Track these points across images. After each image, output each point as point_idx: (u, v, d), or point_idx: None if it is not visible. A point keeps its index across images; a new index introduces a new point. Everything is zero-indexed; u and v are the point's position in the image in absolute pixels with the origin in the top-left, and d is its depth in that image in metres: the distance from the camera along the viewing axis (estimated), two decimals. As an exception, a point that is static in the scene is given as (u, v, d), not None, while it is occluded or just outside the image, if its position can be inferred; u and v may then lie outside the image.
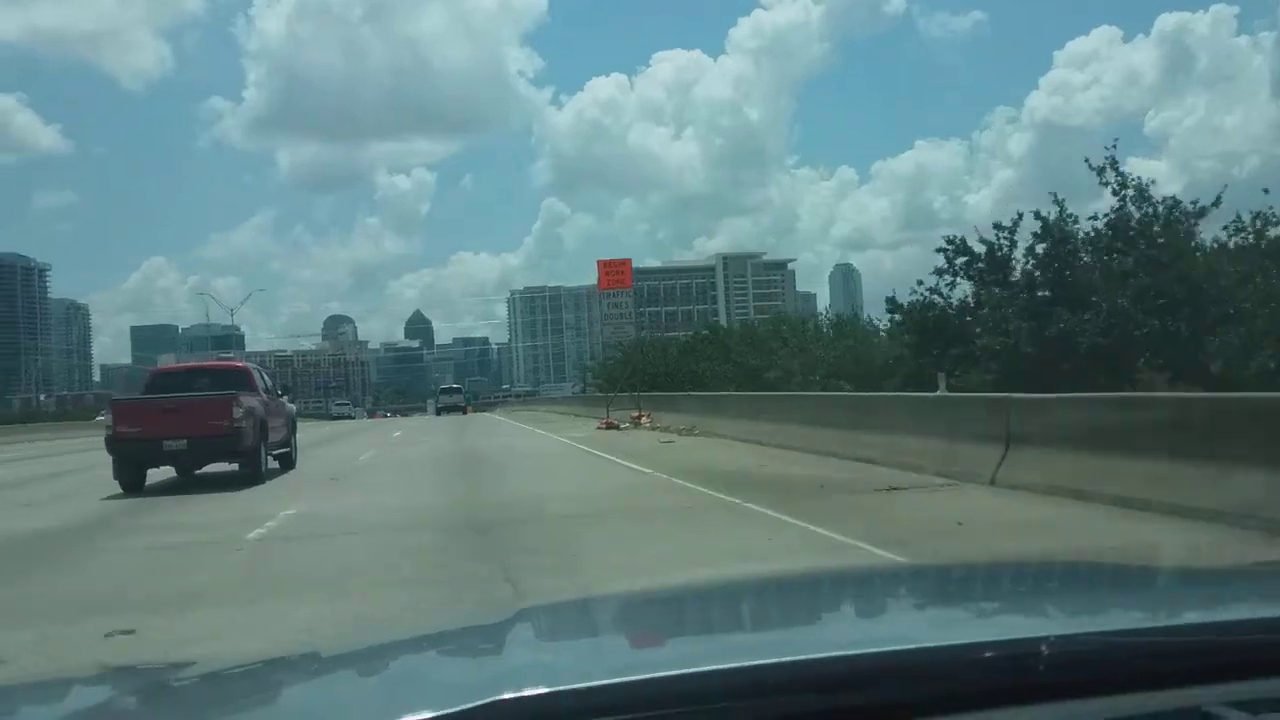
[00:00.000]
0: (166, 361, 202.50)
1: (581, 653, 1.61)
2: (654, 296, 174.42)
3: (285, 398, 17.93)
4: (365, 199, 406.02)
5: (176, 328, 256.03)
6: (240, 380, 15.52)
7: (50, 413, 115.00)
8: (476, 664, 1.59)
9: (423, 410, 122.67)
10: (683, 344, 45.29)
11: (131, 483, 13.92)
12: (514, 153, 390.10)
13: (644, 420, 26.45)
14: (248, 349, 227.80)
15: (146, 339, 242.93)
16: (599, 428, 25.80)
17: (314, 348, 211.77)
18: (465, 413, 68.64)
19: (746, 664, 1.20)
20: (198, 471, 14.82)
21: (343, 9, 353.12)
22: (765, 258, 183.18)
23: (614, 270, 34.21)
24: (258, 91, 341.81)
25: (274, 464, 15.83)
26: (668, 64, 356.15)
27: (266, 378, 17.12)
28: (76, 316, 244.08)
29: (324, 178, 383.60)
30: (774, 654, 1.25)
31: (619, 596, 2.68)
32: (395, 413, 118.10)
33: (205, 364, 20.01)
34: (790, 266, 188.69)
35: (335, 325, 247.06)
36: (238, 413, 13.84)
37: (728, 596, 2.14)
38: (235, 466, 14.26)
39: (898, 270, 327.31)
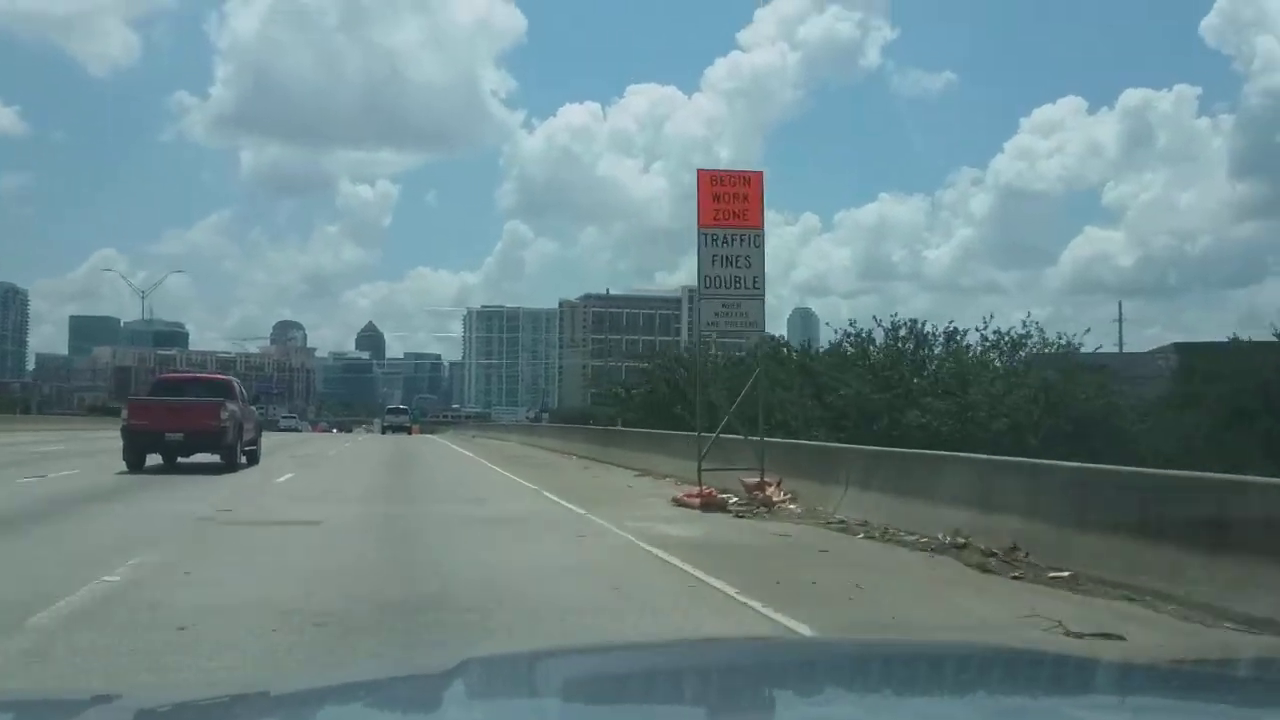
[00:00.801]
0: (103, 354, 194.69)
1: (523, 714, 1.56)
2: (615, 324, 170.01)
3: (254, 407, 23.30)
4: (326, 206, 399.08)
5: (118, 321, 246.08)
6: (226, 390, 20.25)
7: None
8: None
9: (369, 425, 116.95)
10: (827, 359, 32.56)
11: (136, 463, 17.92)
12: (481, 172, 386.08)
13: (774, 493, 13.53)
14: (190, 348, 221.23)
15: (86, 330, 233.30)
16: (683, 501, 14.11)
17: (258, 351, 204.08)
18: (410, 432, 65.55)
19: None
20: (181, 460, 18.52)
21: (318, 14, 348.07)
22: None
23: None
24: (225, 89, 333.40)
25: (241, 459, 19.49)
26: (642, 97, 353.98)
27: (243, 390, 21.69)
28: (14, 301, 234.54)
29: (286, 181, 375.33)
30: None
31: (576, 652, 2.62)
32: (337, 427, 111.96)
33: (199, 375, 26.76)
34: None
35: (285, 330, 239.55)
36: (224, 415, 18.21)
37: (670, 660, 2.08)
38: (217, 457, 18.33)
39: (854, 317, 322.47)
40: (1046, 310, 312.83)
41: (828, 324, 62.40)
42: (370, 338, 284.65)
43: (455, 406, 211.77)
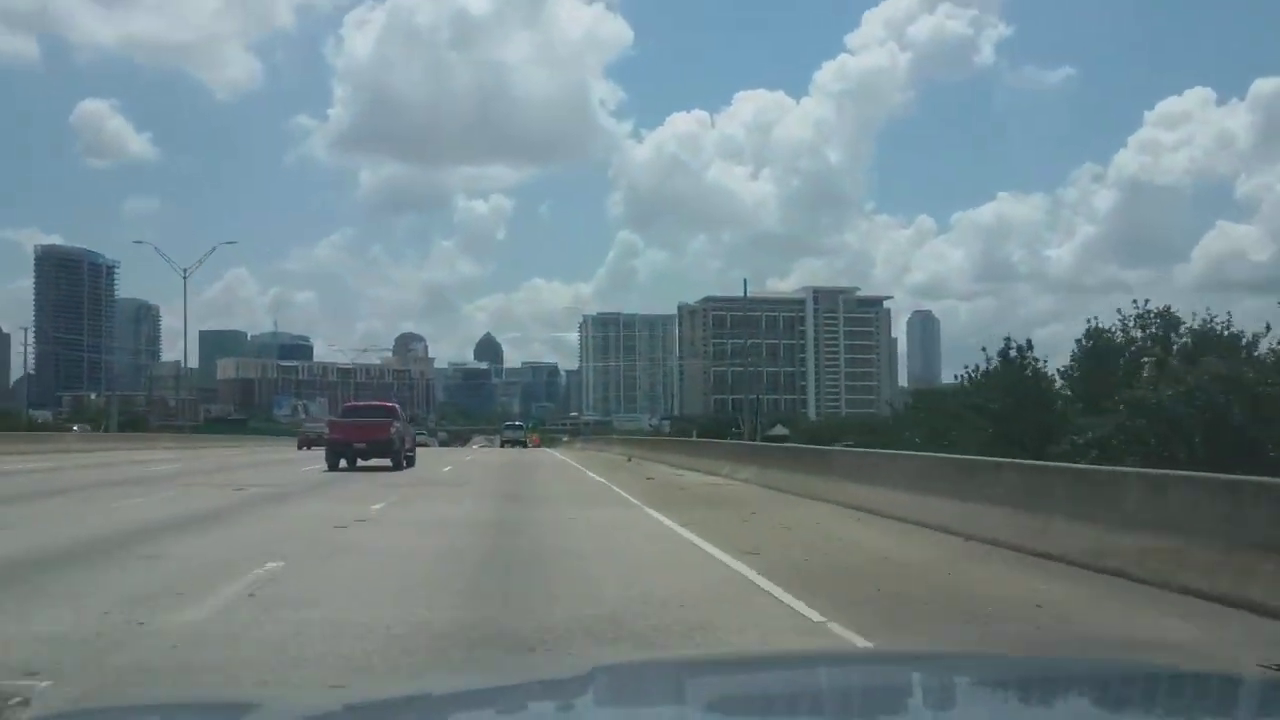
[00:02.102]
0: (228, 366, 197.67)
1: None
2: (737, 328, 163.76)
3: (411, 425, 33.60)
4: (443, 222, 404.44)
5: (245, 334, 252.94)
6: (393, 413, 27.86)
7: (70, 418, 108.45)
8: None
9: (489, 436, 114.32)
10: None
11: (333, 466, 24.78)
12: (591, 183, 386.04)
13: None
14: (314, 359, 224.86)
15: (216, 344, 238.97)
16: None
17: (379, 362, 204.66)
18: (527, 446, 63.15)
19: None
20: (362, 463, 25.14)
21: (429, 32, 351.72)
22: (859, 294, 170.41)
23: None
24: (343, 109, 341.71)
25: (404, 462, 26.27)
26: (750, 103, 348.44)
27: (402, 413, 29.93)
28: (146, 317, 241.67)
29: (403, 198, 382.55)
30: None
31: (697, 662, 2.70)
32: (456, 439, 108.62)
33: (373, 403, 32.71)
34: (886, 305, 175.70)
35: (406, 343, 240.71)
36: (393, 430, 25.68)
37: (794, 676, 2.17)
38: (389, 460, 25.27)
39: (973, 321, 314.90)
40: (1178, 310, 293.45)
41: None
42: (488, 348, 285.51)
43: (574, 414, 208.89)
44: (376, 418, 26.36)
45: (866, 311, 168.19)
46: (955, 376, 32.41)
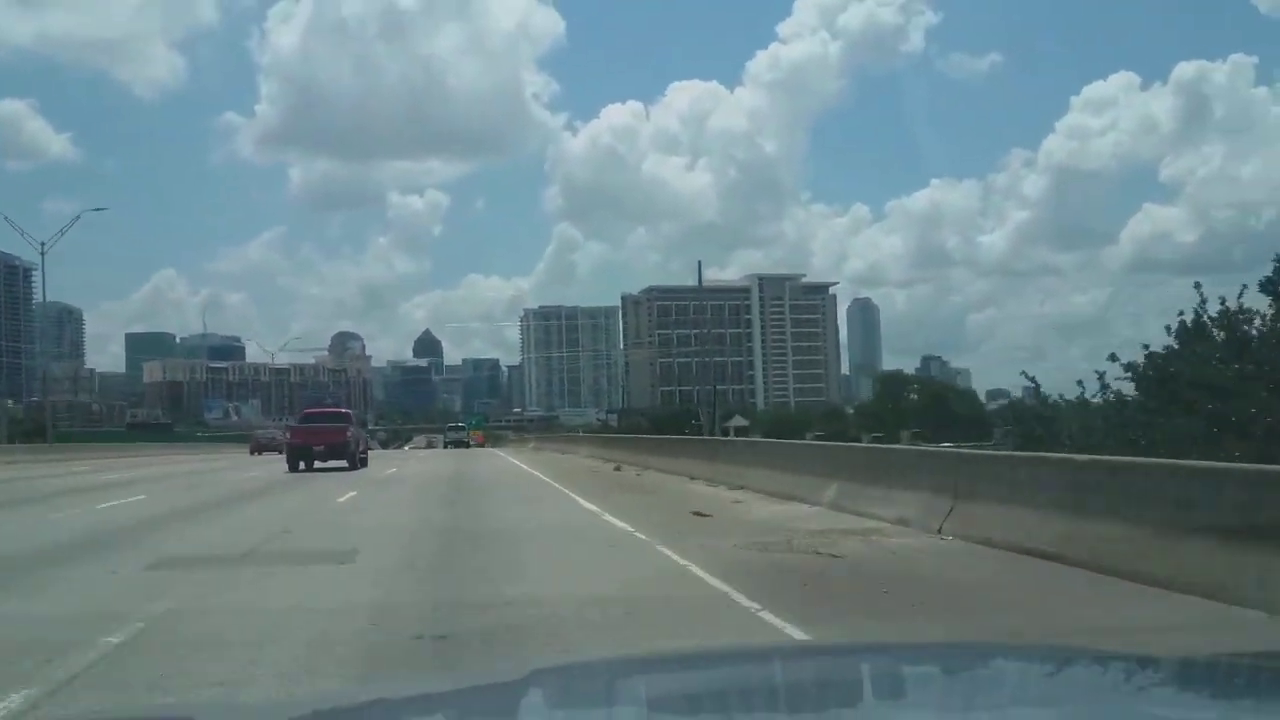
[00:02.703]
0: (154, 369, 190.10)
1: None
2: (682, 317, 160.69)
3: (364, 429, 36.62)
4: (377, 218, 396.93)
5: (174, 337, 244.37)
6: (347, 419, 29.82)
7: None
8: None
9: (430, 437, 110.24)
10: None
11: (293, 468, 26.43)
12: (527, 177, 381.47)
13: None
14: (248, 359, 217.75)
15: (143, 347, 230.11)
16: None
17: (313, 361, 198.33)
18: (469, 445, 60.80)
19: None
20: (319, 465, 26.73)
21: (357, 25, 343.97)
22: (804, 280, 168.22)
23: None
24: (270, 106, 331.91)
25: (359, 463, 28.25)
26: (684, 94, 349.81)
27: (358, 417, 34.39)
28: (69, 320, 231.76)
29: (336, 195, 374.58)
30: None
31: (637, 662, 2.65)
32: (392, 436, 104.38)
33: (329, 409, 34.79)
34: (831, 291, 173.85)
35: (343, 341, 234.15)
36: (349, 434, 27.72)
37: (737, 669, 2.13)
38: (344, 462, 26.95)
39: (910, 308, 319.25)
40: (1106, 291, 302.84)
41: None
42: (427, 345, 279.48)
43: (517, 410, 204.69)
44: (334, 423, 28.49)
45: (812, 298, 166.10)
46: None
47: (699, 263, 55.54)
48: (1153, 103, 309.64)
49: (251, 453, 47.42)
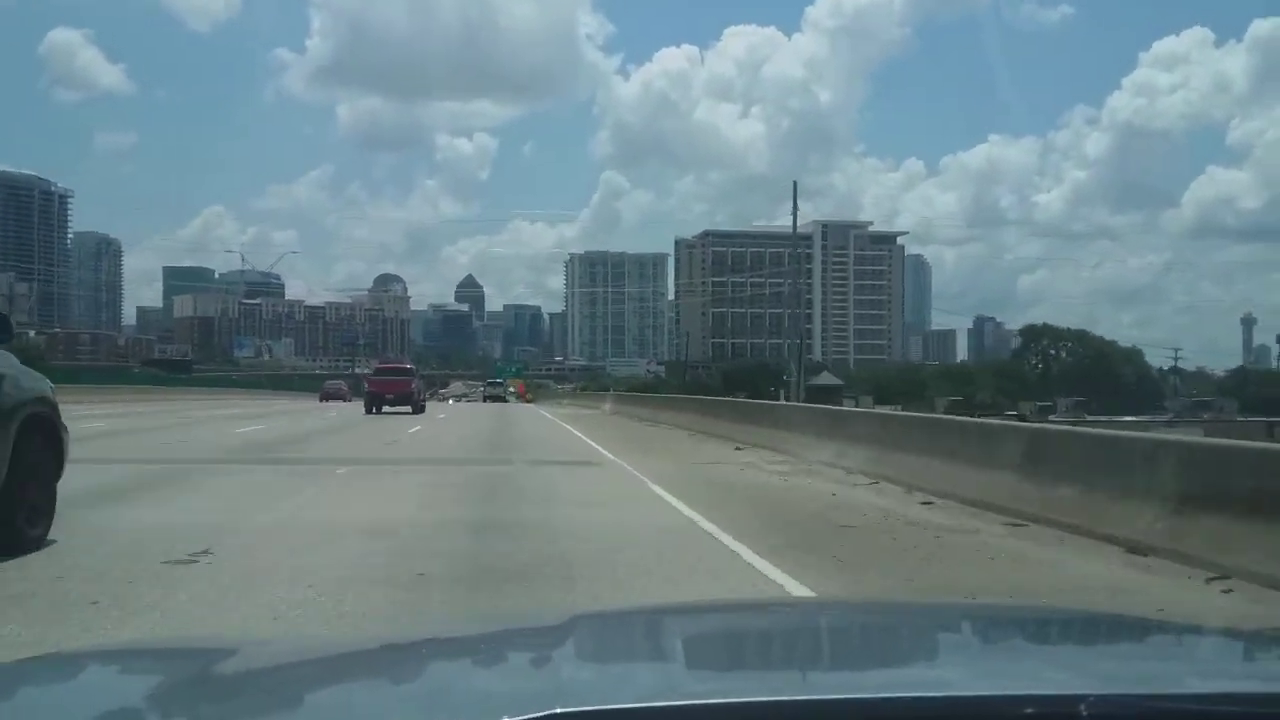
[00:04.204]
0: (185, 304, 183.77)
1: (641, 669, 1.66)
2: (738, 264, 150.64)
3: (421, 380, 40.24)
4: (425, 159, 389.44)
5: (213, 272, 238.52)
6: (411, 373, 36.39)
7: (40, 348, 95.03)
8: (528, 674, 1.61)
9: (470, 386, 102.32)
10: None
11: (369, 411, 31.52)
12: (576, 121, 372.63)
13: None
14: (287, 296, 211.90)
15: (181, 280, 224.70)
16: None
17: (349, 301, 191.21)
18: (507, 400, 60.32)
19: (794, 699, 1.25)
20: (389, 409, 31.60)
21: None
22: (871, 228, 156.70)
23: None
24: (322, 41, 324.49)
25: (421, 409, 34.04)
26: (740, 39, 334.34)
27: (417, 370, 40.89)
28: (107, 252, 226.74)
29: (384, 135, 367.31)
30: (826, 690, 1.35)
31: (678, 609, 2.69)
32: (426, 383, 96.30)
33: (397, 364, 43.89)
34: (900, 241, 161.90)
35: (385, 284, 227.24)
36: (413, 385, 33.76)
37: (779, 621, 2.18)
38: (409, 408, 32.10)
39: (961, 267, 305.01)
40: (1164, 256, 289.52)
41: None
42: (470, 289, 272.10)
43: (559, 359, 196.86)
44: (401, 376, 34.84)
45: (879, 249, 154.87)
46: None
47: (794, 185, 45.28)
48: (1226, 60, 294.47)
49: (321, 400, 52.85)
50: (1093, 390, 73.87)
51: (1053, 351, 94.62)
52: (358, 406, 36.86)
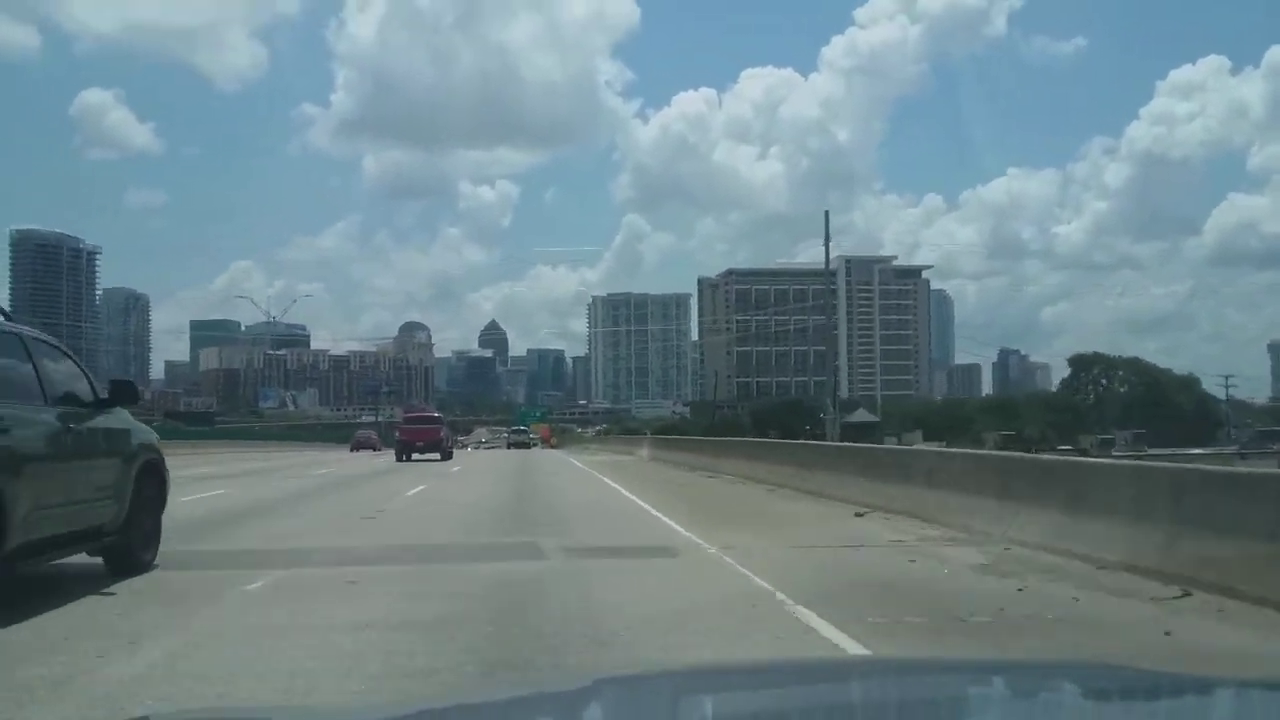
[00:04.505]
0: (210, 354, 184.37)
1: None
2: (761, 302, 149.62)
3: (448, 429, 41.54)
4: (448, 208, 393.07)
5: (239, 324, 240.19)
6: (439, 421, 38.99)
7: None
8: None
9: (493, 431, 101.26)
10: None
11: (401, 458, 33.76)
12: (597, 166, 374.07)
13: None
14: (313, 347, 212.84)
15: (208, 335, 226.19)
16: None
17: (375, 350, 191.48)
18: (530, 447, 59.70)
19: None
20: (417, 457, 33.57)
21: (432, 15, 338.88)
22: (895, 263, 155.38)
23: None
24: (346, 95, 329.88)
25: (450, 456, 35.95)
26: (757, 81, 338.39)
27: (444, 419, 42.00)
28: (135, 307, 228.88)
29: (408, 185, 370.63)
30: None
31: (702, 673, 2.67)
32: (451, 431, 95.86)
33: (425, 413, 44.25)
34: (925, 275, 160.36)
35: (410, 331, 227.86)
36: (443, 433, 36.36)
37: (797, 687, 2.11)
38: (438, 455, 34.29)
39: (982, 300, 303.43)
40: (1187, 284, 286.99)
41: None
42: (493, 335, 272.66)
43: (583, 402, 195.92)
44: (430, 424, 37.09)
45: (904, 283, 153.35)
46: None
47: (825, 215, 44.17)
48: (1243, 87, 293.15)
49: (352, 449, 54.26)
50: (1149, 421, 70.29)
51: (1104, 381, 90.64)
52: (388, 455, 40.02)
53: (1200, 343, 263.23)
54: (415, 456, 33.27)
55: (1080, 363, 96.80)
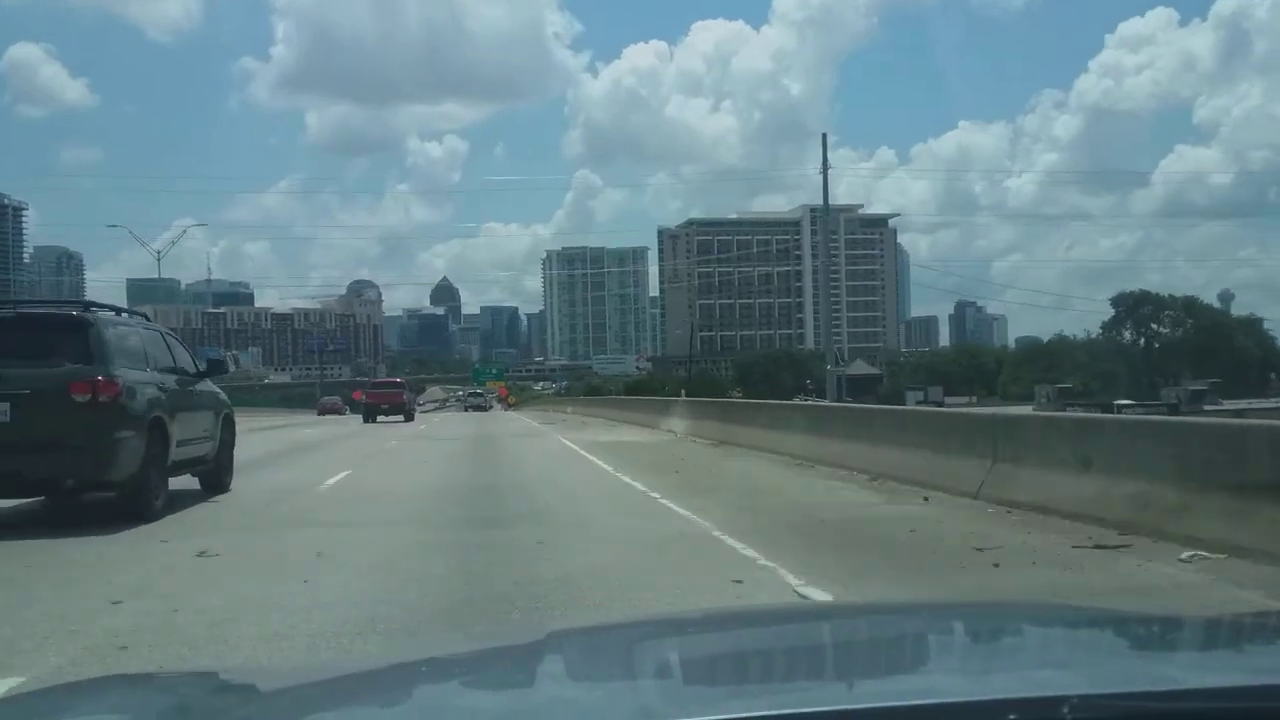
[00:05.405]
0: (145, 313, 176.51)
1: (620, 690, 1.61)
2: (724, 252, 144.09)
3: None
4: (396, 164, 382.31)
5: (178, 282, 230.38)
6: (402, 386, 42.79)
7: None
8: (505, 701, 1.58)
9: (447, 388, 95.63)
10: None
11: (367, 420, 35.79)
12: (547, 121, 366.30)
13: None
14: (255, 304, 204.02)
15: (145, 293, 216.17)
16: None
17: (319, 307, 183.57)
18: (486, 409, 58.59)
19: (770, 714, 1.19)
20: (381, 419, 36.16)
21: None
22: (862, 211, 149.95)
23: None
24: (286, 49, 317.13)
25: (413, 418, 39.14)
26: (709, 33, 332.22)
27: (408, 384, 46.81)
28: (69, 266, 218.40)
29: (353, 141, 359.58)
30: (806, 703, 1.29)
31: (654, 623, 2.64)
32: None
33: (390, 380, 51.36)
34: (892, 224, 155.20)
35: (359, 289, 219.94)
36: (405, 397, 39.57)
37: (752, 632, 2.10)
38: (401, 417, 37.17)
39: (934, 254, 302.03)
40: (1136, 235, 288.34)
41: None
42: (445, 292, 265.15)
43: (539, 359, 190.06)
44: (394, 389, 40.94)
45: (870, 233, 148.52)
46: None
47: (824, 147, 38.24)
48: (1191, 39, 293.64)
49: (319, 414, 55.89)
50: (1212, 369, 63.14)
51: (1153, 325, 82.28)
52: (353, 419, 42.31)
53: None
54: (380, 419, 36.24)
55: (1127, 302, 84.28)
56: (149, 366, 9.13)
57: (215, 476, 10.63)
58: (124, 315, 9.93)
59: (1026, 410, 19.41)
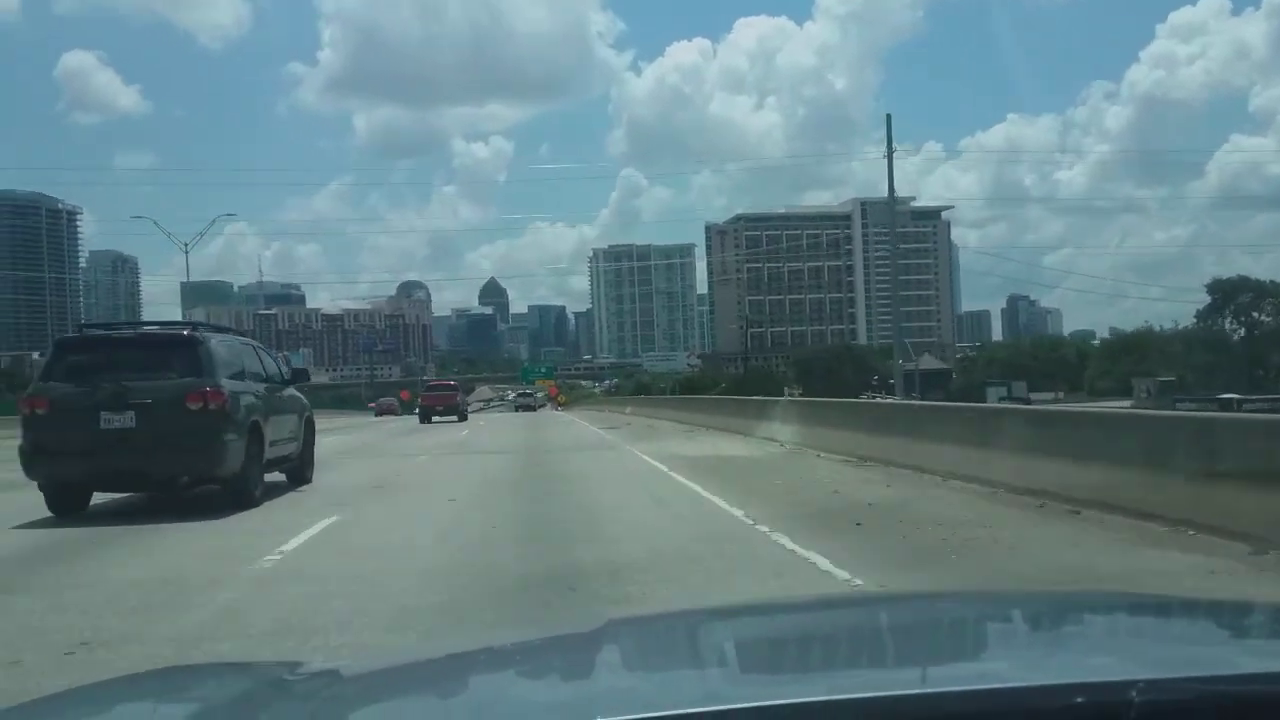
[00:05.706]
0: (196, 315, 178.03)
1: (683, 676, 1.62)
2: (773, 247, 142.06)
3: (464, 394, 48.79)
4: (442, 165, 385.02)
5: (232, 285, 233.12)
6: (456, 388, 45.21)
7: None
8: (568, 686, 1.60)
9: (495, 387, 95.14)
10: None
11: (423, 421, 37.86)
12: (591, 120, 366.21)
13: None
14: (306, 305, 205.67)
15: (198, 296, 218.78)
16: None
17: (369, 307, 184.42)
18: (535, 409, 59.93)
19: (847, 697, 1.19)
20: (436, 420, 38.20)
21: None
22: (914, 204, 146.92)
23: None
24: (333, 53, 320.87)
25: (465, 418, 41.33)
26: (752, 29, 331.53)
27: (460, 386, 49.78)
28: (123, 269, 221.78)
29: (401, 143, 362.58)
30: (867, 688, 1.28)
31: (712, 611, 2.61)
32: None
33: (445, 383, 49.88)
34: (945, 216, 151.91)
35: (408, 290, 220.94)
36: (460, 399, 42.51)
37: (811, 618, 2.12)
38: (455, 417, 39.22)
39: (984, 247, 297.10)
40: (1190, 228, 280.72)
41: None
42: (493, 292, 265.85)
43: (587, 357, 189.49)
44: (448, 392, 43.04)
45: (923, 225, 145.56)
46: None
47: (889, 127, 36.57)
48: (1244, 28, 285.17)
49: (377, 415, 59.18)
50: None
51: (1253, 314, 77.49)
52: (408, 419, 44.63)
53: (1203, 283, 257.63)
54: (435, 419, 38.61)
55: (1223, 289, 78.52)
56: (246, 376, 10.56)
57: (299, 471, 12.26)
58: (226, 335, 11.49)
59: (1125, 406, 17.40)
